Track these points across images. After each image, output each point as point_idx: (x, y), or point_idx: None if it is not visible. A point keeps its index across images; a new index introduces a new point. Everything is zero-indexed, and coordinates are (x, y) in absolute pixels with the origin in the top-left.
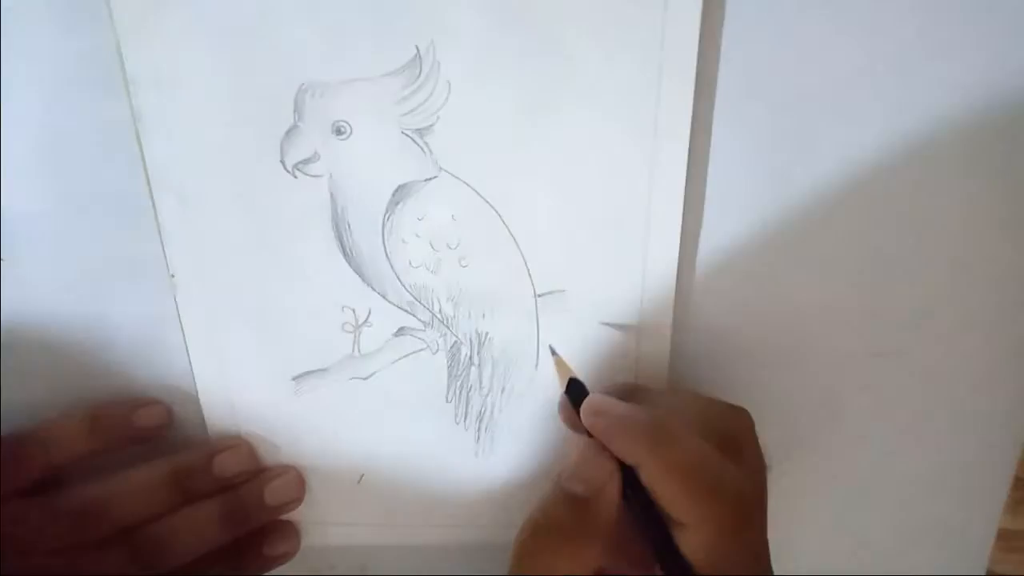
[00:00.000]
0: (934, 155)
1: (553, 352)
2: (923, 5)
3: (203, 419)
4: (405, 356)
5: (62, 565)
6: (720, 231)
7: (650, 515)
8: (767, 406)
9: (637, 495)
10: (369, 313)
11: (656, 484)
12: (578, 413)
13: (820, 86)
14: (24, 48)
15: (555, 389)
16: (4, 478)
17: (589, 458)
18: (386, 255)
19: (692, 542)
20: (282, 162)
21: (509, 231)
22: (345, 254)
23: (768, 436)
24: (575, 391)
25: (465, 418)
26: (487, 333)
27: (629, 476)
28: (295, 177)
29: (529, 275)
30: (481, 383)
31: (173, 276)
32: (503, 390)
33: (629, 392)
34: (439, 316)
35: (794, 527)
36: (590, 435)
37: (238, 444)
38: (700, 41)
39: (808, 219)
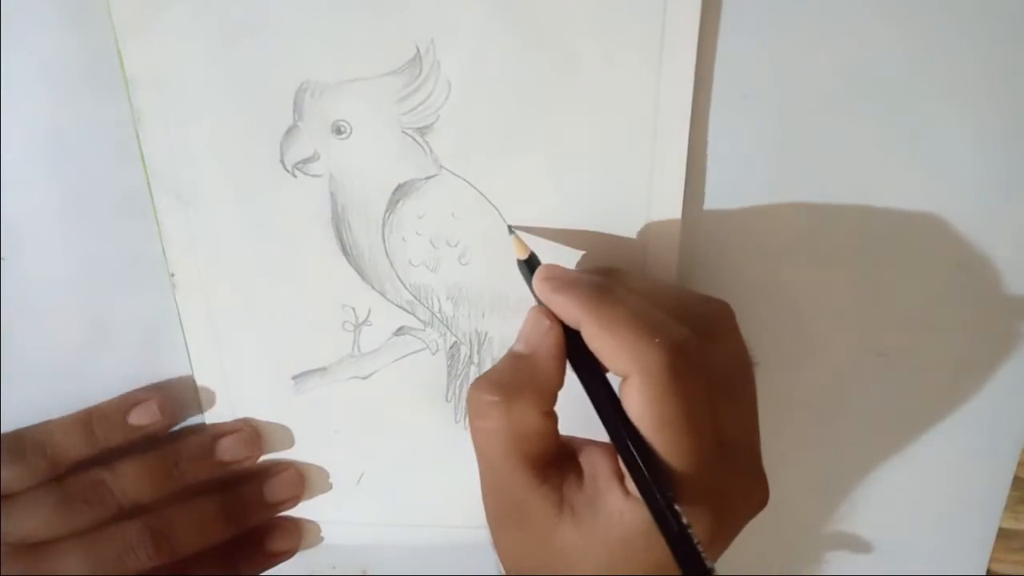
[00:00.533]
0: (934, 155)
1: (511, 231)
2: (924, 5)
3: (203, 418)
4: (405, 355)
5: (83, 546)
6: (720, 231)
7: (596, 380)
8: (767, 405)
9: (584, 361)
10: (369, 312)
11: (594, 341)
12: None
13: (820, 85)
14: (24, 48)
15: None
16: (6, 477)
17: (530, 320)
18: (386, 253)
19: (631, 396)
20: (282, 162)
21: (509, 229)
22: (345, 253)
23: (768, 436)
24: (531, 266)
25: (465, 417)
26: (487, 333)
27: (577, 341)
28: (295, 177)
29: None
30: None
31: (173, 276)
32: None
33: (603, 272)
34: (439, 315)
35: (794, 527)
36: None
37: (241, 428)
38: (699, 40)
39: (808, 219)
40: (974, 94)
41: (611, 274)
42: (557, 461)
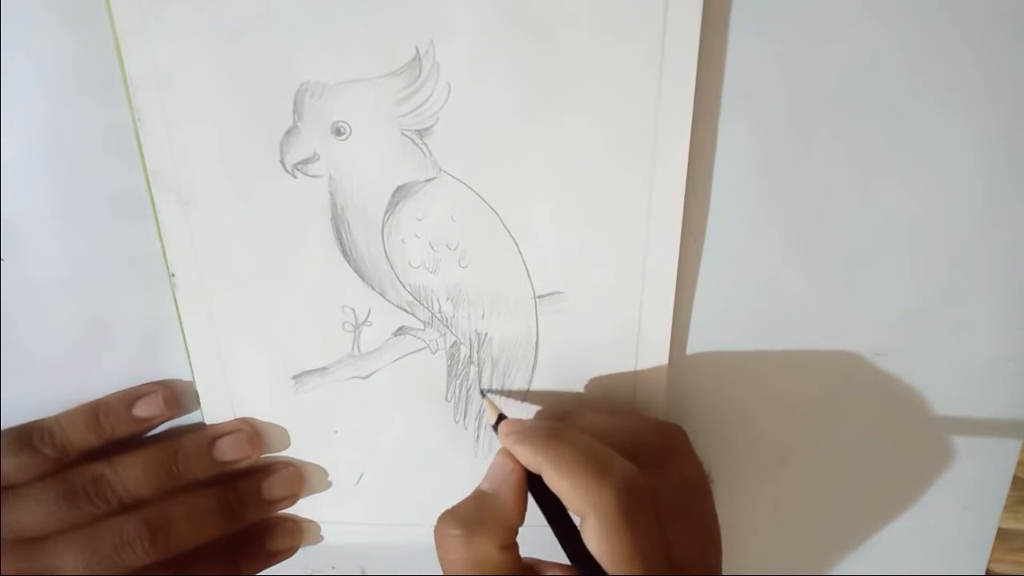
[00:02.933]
0: (934, 155)
1: (483, 394)
2: (925, 6)
3: (203, 418)
4: (405, 355)
5: (80, 541)
6: (721, 230)
7: (560, 518)
8: (767, 406)
9: (546, 500)
10: (369, 312)
11: (553, 482)
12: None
13: (821, 85)
14: (24, 48)
15: (555, 389)
16: (7, 468)
17: (497, 462)
18: (386, 255)
19: (588, 533)
20: (282, 162)
21: (508, 232)
22: (345, 254)
23: (768, 436)
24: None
25: (465, 417)
26: (486, 333)
27: (540, 483)
28: (295, 177)
29: (528, 276)
30: (480, 383)
31: (173, 275)
32: (502, 390)
33: (560, 416)
34: (439, 316)
35: (794, 527)
36: None
37: (240, 428)
38: (701, 40)
39: (809, 218)
40: (974, 95)
41: (567, 417)
42: None
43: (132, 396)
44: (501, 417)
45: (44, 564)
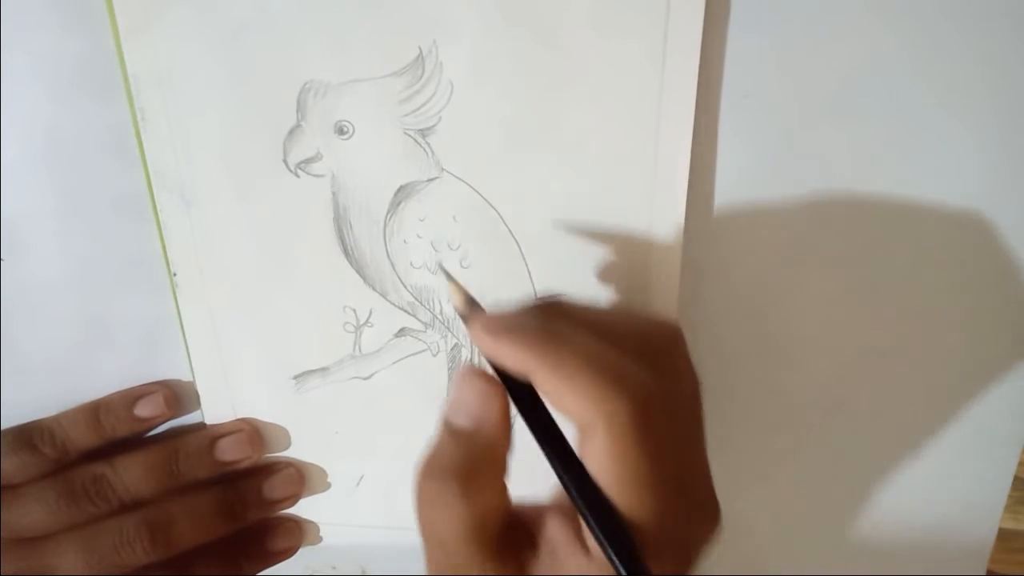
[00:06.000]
0: (935, 154)
1: (446, 274)
2: (926, 5)
3: (203, 418)
4: (406, 357)
5: (79, 540)
6: (722, 231)
7: (552, 437)
8: (767, 406)
9: (536, 414)
10: (370, 313)
11: (548, 388)
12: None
13: (822, 84)
14: (24, 49)
15: None
16: (7, 468)
17: (466, 386)
18: (387, 255)
19: (592, 450)
20: (284, 161)
21: (510, 232)
22: (346, 254)
23: (768, 436)
24: (470, 312)
25: None
26: None
27: (525, 394)
28: (297, 176)
29: (530, 277)
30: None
31: (175, 275)
32: None
33: (545, 308)
34: (440, 317)
35: (793, 527)
36: None
37: (241, 428)
38: (703, 40)
39: (809, 218)
40: (975, 94)
41: (553, 309)
42: (514, 534)
43: (133, 396)
44: (472, 305)
45: (44, 564)
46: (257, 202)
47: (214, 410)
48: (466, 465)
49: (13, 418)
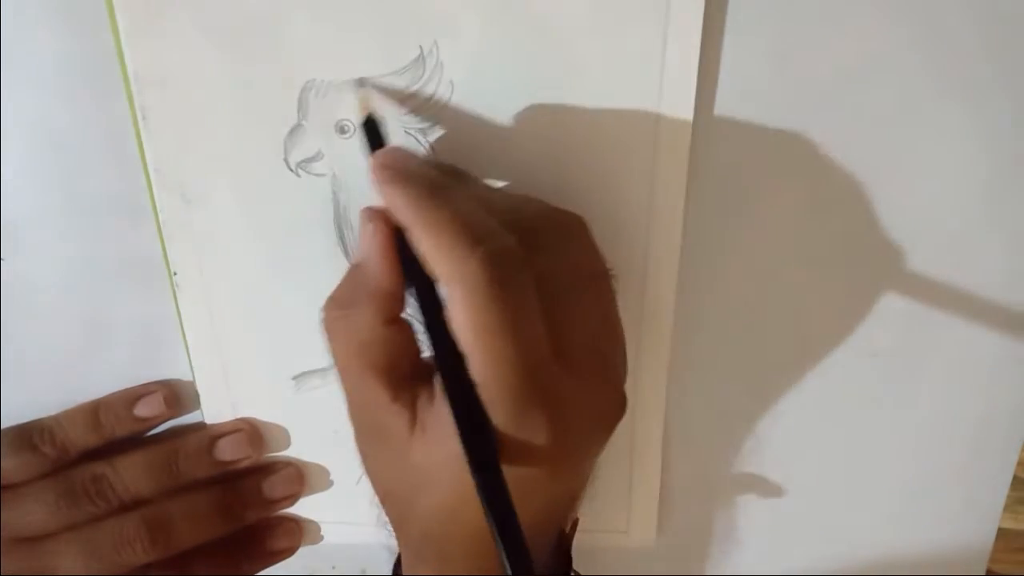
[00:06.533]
0: (935, 154)
1: (361, 85)
2: (926, 4)
3: (203, 418)
4: None
5: (79, 540)
6: (720, 231)
7: (421, 284)
8: (766, 406)
9: (411, 263)
10: None
11: (420, 242)
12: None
13: (822, 84)
14: (24, 48)
15: None
16: (7, 468)
17: (361, 223)
18: None
19: (452, 304)
20: (285, 161)
21: None
22: (347, 254)
23: (767, 436)
24: (373, 135)
25: None
26: None
27: (407, 245)
28: (298, 176)
29: None
30: None
31: (175, 275)
32: None
33: (451, 172)
34: None
35: (793, 527)
36: None
37: (240, 428)
38: (703, 40)
39: (808, 218)
40: (975, 93)
41: (456, 175)
42: (412, 378)
43: (132, 396)
44: (372, 124)
45: (44, 563)
46: (258, 201)
47: (214, 410)
48: (350, 294)
49: (13, 418)
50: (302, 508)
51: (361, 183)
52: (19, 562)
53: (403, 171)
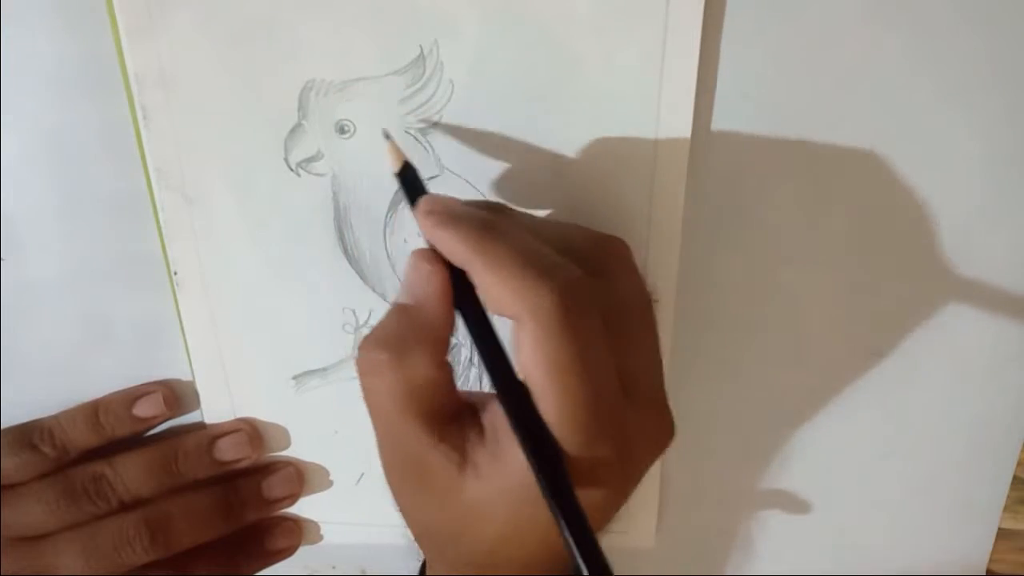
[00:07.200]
0: (934, 154)
1: (387, 136)
2: (926, 6)
3: (203, 418)
4: None
5: (79, 540)
6: (720, 231)
7: (482, 325)
8: (765, 407)
9: (469, 304)
10: (370, 314)
11: (481, 281)
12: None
13: (822, 84)
14: (24, 48)
15: None
16: (7, 468)
17: (411, 266)
18: (388, 255)
19: (521, 340)
20: (286, 160)
21: None
22: (347, 254)
23: (766, 436)
24: (410, 183)
25: None
26: None
27: (463, 283)
28: (298, 176)
29: None
30: (481, 384)
31: (176, 274)
32: None
33: (492, 207)
34: None
35: (793, 527)
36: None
37: (240, 428)
38: (702, 39)
39: (807, 218)
40: (974, 94)
41: (501, 210)
42: (456, 417)
43: (132, 396)
44: (409, 170)
45: (44, 563)
46: (258, 201)
47: (214, 410)
48: (401, 336)
49: (13, 418)
50: (302, 508)
51: (361, 183)
52: (19, 562)
53: (451, 214)
